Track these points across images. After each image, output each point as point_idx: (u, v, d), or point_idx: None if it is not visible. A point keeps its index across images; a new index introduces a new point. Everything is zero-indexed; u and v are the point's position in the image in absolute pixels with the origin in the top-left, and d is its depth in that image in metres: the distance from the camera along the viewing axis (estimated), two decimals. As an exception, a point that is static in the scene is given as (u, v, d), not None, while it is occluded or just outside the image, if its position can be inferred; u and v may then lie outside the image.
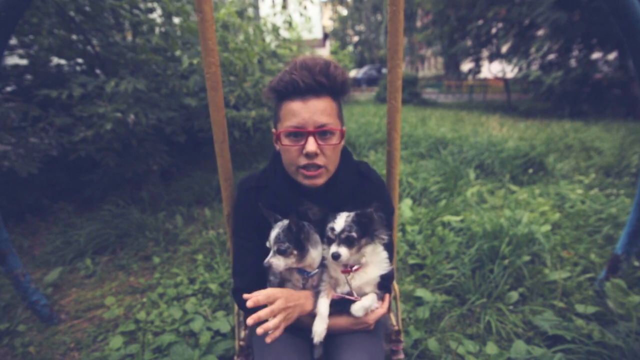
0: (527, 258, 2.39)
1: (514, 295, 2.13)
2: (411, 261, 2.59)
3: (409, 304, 2.14)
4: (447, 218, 3.08)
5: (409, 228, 2.99)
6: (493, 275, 2.25)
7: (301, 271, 1.06)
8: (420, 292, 2.18)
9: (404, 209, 3.29)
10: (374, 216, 0.97)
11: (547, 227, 2.81)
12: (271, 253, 1.00)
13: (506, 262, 2.32)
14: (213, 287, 2.35)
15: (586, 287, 2.20)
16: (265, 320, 0.90)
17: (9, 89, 3.28)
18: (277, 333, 0.91)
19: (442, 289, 2.29)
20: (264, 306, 0.92)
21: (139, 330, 2.02)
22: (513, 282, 2.27)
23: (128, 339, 1.96)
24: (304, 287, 1.08)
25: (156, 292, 2.38)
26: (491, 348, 1.77)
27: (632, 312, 1.81)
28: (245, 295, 0.90)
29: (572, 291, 2.17)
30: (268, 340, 0.89)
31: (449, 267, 2.42)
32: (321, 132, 0.99)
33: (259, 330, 0.88)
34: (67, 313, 2.24)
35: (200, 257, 2.78)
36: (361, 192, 1.14)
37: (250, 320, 0.87)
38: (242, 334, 1.37)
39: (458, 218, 3.08)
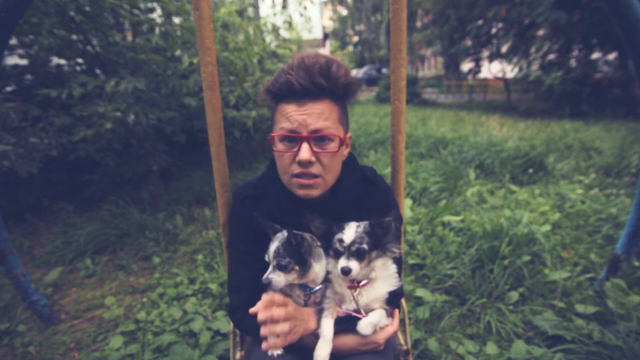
0: (527, 258, 2.39)
1: (514, 295, 2.13)
2: (411, 261, 2.59)
3: (409, 304, 2.14)
4: (447, 218, 3.08)
5: (409, 228, 2.99)
6: (493, 275, 2.25)
7: (303, 287, 0.97)
8: (420, 292, 2.18)
9: (404, 209, 3.29)
10: (392, 226, 0.87)
11: (547, 227, 2.81)
12: (270, 268, 0.91)
13: (506, 262, 2.32)
14: (213, 287, 2.35)
15: (586, 287, 2.20)
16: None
17: (9, 89, 3.28)
18: (279, 343, 0.83)
19: (442, 289, 2.29)
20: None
21: (139, 330, 2.02)
22: (513, 282, 2.27)
23: (128, 339, 1.96)
24: (305, 304, 0.98)
25: (156, 292, 2.38)
26: (491, 348, 1.76)
27: (632, 312, 1.81)
28: (252, 310, 0.83)
29: (572, 291, 2.17)
30: (264, 346, 0.82)
31: (449, 267, 2.42)
32: (317, 138, 0.90)
33: (264, 330, 0.81)
34: (67, 313, 2.24)
35: (200, 257, 2.78)
36: (366, 199, 1.05)
37: (261, 316, 0.80)
38: (238, 354, 1.28)
39: (458, 218, 3.08)
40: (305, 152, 0.88)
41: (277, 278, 0.90)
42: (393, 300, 0.99)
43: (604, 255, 2.52)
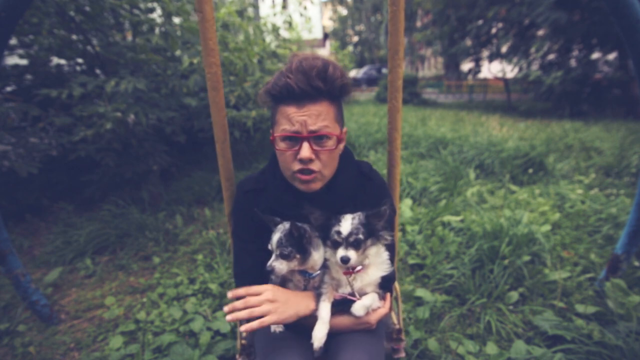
0: (527, 258, 2.39)
1: (514, 295, 2.13)
2: (411, 261, 2.59)
3: (409, 304, 2.14)
4: (447, 218, 3.08)
5: (409, 228, 2.99)
6: (493, 275, 2.25)
7: (303, 272, 1.06)
8: (420, 292, 2.18)
9: (404, 209, 3.29)
10: (386, 213, 0.96)
11: (547, 227, 2.81)
12: (273, 257, 0.99)
13: (506, 262, 2.32)
14: (213, 287, 2.35)
15: (586, 287, 2.20)
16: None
17: (9, 89, 3.28)
18: (256, 325, 0.90)
19: (442, 289, 2.29)
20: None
21: (139, 330, 2.02)
22: (513, 282, 2.27)
23: (128, 339, 1.96)
24: (305, 288, 1.08)
25: (156, 292, 2.38)
26: (491, 348, 1.77)
27: (632, 312, 1.81)
28: (229, 293, 0.94)
29: (572, 291, 2.17)
30: (241, 328, 0.91)
31: (449, 267, 2.42)
32: (316, 137, 0.96)
33: (227, 309, 0.92)
34: (67, 313, 2.24)
35: (200, 257, 2.78)
36: (362, 193, 1.11)
37: (226, 308, 0.92)
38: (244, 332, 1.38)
39: (458, 218, 3.08)
40: (305, 150, 0.95)
41: (280, 266, 0.98)
42: (385, 285, 1.08)
43: (604, 255, 2.52)
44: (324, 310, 1.01)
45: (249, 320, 0.91)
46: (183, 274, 2.58)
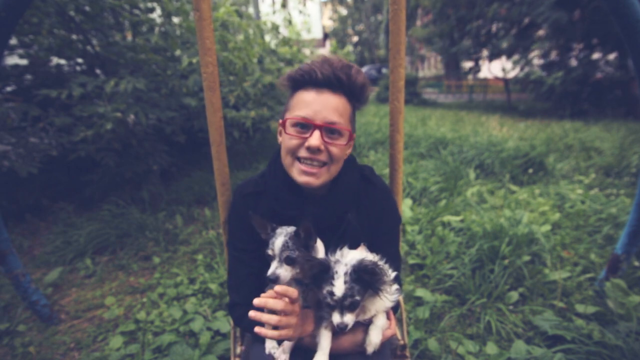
0: (527, 258, 2.39)
1: (514, 295, 2.13)
2: (411, 261, 2.59)
3: (409, 304, 2.14)
4: (447, 218, 3.08)
5: (409, 228, 2.99)
6: (493, 275, 2.25)
7: (299, 282, 0.98)
8: (420, 292, 2.18)
9: (404, 209, 3.29)
10: (376, 270, 0.84)
11: (547, 227, 2.81)
12: (276, 263, 0.92)
13: (506, 262, 2.32)
14: (213, 287, 2.35)
15: (586, 287, 2.20)
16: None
17: (9, 89, 3.28)
18: (272, 335, 0.84)
19: (442, 289, 2.29)
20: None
21: (139, 330, 2.02)
22: (513, 282, 2.27)
23: (128, 339, 1.96)
24: (304, 301, 0.99)
25: (156, 292, 2.38)
26: (491, 348, 1.76)
27: (632, 312, 1.81)
28: (251, 315, 0.83)
29: (572, 291, 2.17)
30: (256, 329, 0.81)
31: (449, 267, 2.42)
32: (329, 129, 0.94)
33: (252, 313, 0.82)
34: (67, 313, 2.24)
35: (200, 257, 2.78)
36: (365, 197, 1.09)
37: (257, 300, 0.81)
38: (238, 349, 1.30)
39: (458, 218, 3.08)
40: (315, 138, 0.92)
41: (285, 272, 0.92)
42: (391, 308, 1.02)
43: (604, 255, 2.52)
44: (325, 339, 0.92)
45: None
46: (183, 274, 2.58)
